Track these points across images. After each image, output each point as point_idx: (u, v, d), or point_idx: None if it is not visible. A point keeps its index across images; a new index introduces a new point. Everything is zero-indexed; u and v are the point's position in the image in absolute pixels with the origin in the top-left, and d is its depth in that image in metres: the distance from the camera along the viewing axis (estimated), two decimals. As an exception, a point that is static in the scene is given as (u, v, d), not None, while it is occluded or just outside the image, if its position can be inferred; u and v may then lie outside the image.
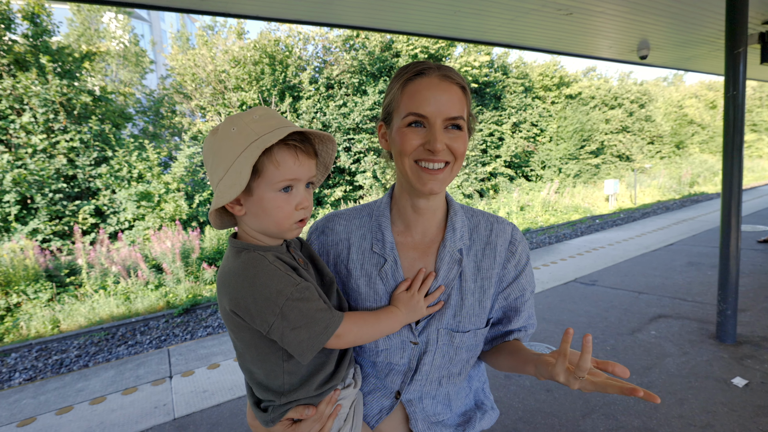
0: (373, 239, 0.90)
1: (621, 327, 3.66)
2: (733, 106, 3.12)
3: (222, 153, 0.72)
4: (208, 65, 12.35)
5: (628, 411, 2.48)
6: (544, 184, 15.81)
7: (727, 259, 3.20)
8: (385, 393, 0.91)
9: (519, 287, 0.92)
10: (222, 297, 0.74)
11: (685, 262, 5.60)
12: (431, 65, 0.82)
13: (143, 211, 8.52)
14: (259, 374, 0.78)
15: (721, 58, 7.16)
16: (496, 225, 0.94)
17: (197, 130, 12.17)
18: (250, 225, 0.77)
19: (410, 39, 14.28)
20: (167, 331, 5.29)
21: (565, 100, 19.01)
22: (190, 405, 2.88)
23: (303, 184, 0.76)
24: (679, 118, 23.84)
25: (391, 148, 0.86)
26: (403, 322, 0.83)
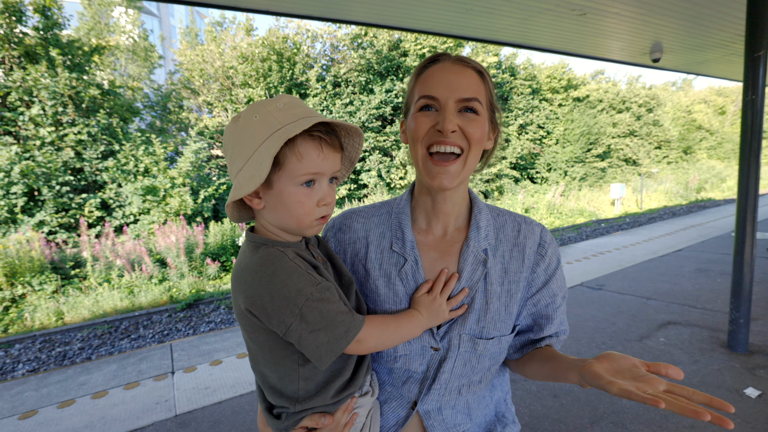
0: (392, 237, 0.85)
1: (629, 333, 3.60)
2: (751, 111, 3.05)
3: (242, 142, 0.68)
4: (216, 61, 12.36)
5: (638, 419, 2.43)
6: (549, 186, 15.71)
7: (741, 266, 3.14)
8: (401, 402, 0.85)
9: (549, 293, 0.86)
10: (237, 294, 0.70)
11: (694, 268, 5.52)
12: (447, 54, 0.79)
13: (148, 205, 8.52)
14: (272, 378, 0.73)
15: (735, 62, 7.06)
16: (524, 225, 0.88)
17: (204, 125, 12.18)
18: (269, 219, 0.73)
19: (418, 39, 14.23)
20: (170, 326, 5.27)
21: (572, 102, 18.89)
22: (191, 401, 2.85)
23: (326, 179, 0.72)
24: (687, 124, 23.63)
25: (408, 142, 0.82)
26: (425, 327, 0.78)
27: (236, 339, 3.99)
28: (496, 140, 0.85)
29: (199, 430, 2.53)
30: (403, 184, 13.26)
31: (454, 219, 0.86)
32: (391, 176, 13.20)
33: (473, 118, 0.76)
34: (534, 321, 0.88)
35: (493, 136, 0.84)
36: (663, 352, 3.23)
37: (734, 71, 7.73)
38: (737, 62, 6.90)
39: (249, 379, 3.11)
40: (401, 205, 0.88)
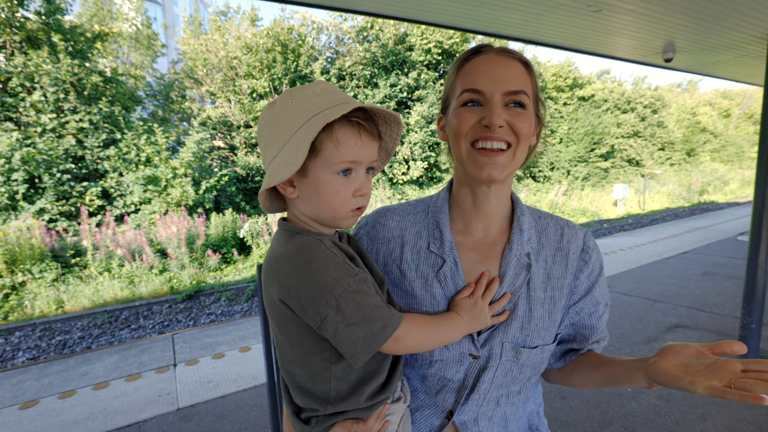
0: (429, 237, 0.80)
1: (636, 335, 3.56)
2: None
3: (278, 128, 0.65)
4: (220, 51, 12.24)
5: (649, 424, 2.39)
6: (552, 185, 15.65)
7: (755, 270, 3.08)
8: (435, 411, 0.81)
9: (593, 300, 0.81)
10: (269, 284, 0.66)
11: (701, 271, 5.48)
12: (489, 45, 0.74)
13: (150, 195, 8.45)
14: (302, 377, 0.68)
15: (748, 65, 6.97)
16: (567, 229, 0.83)
17: (206, 116, 12.08)
18: (302, 210, 0.69)
19: (424, 33, 14.11)
20: (170, 317, 5.24)
21: (577, 101, 18.79)
22: (194, 395, 2.81)
23: (363, 169, 0.68)
24: (691, 126, 23.54)
25: (448, 136, 0.77)
26: (465, 332, 0.73)
27: (239, 332, 3.95)
28: (538, 136, 0.80)
29: (203, 424, 2.49)
30: (406, 179, 13.20)
31: (497, 220, 0.81)
32: (394, 171, 13.13)
33: (521, 113, 0.71)
34: (576, 330, 0.83)
35: (536, 131, 0.78)
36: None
37: (746, 73, 7.64)
38: (750, 64, 6.81)
39: (252, 374, 3.07)
40: (438, 203, 0.83)
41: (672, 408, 2.54)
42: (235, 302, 5.68)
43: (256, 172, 11.16)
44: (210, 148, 11.44)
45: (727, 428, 2.35)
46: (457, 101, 0.73)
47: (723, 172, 20.53)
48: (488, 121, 0.68)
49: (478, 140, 0.70)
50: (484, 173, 0.70)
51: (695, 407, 2.54)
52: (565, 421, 2.44)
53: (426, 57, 14.23)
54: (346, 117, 0.63)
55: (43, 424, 2.55)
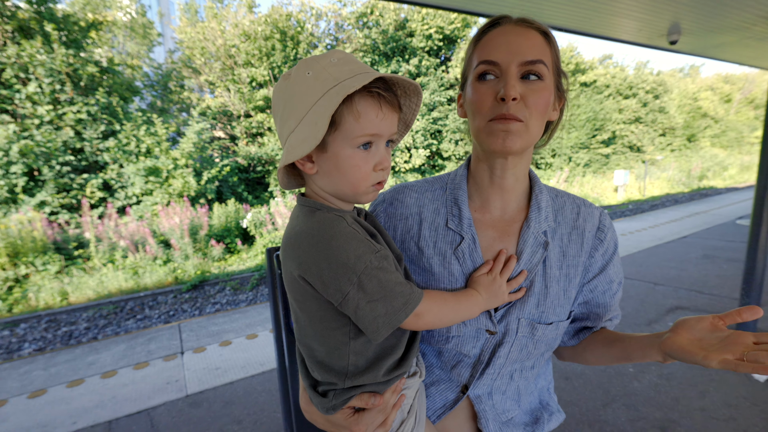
0: (448, 214, 0.80)
1: (638, 318, 3.61)
2: (773, 94, 2.97)
3: (295, 101, 0.62)
4: (218, 39, 12.10)
5: (650, 402, 2.44)
6: (553, 172, 15.63)
7: (755, 252, 3.11)
8: (450, 386, 0.83)
9: (606, 279, 0.82)
10: (289, 260, 0.65)
11: (701, 254, 5.52)
12: (507, 16, 0.72)
13: (151, 186, 8.45)
14: (320, 352, 0.69)
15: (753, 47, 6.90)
16: (584, 208, 0.83)
17: (206, 105, 12.00)
18: (321, 186, 0.68)
19: (425, 18, 13.93)
20: (176, 307, 5.29)
21: (579, 87, 18.63)
22: (202, 382, 2.86)
23: (383, 142, 0.66)
24: (692, 111, 23.39)
25: (467, 113, 0.76)
26: (483, 308, 0.74)
27: (245, 320, 4.00)
28: (562, 110, 0.79)
29: (211, 410, 2.54)
30: (407, 167, 13.17)
31: (515, 197, 0.81)
32: (396, 160, 13.10)
33: (538, 86, 0.69)
34: (590, 308, 0.84)
35: (559, 105, 0.77)
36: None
37: (751, 56, 7.56)
38: (756, 46, 6.73)
39: (260, 360, 3.12)
40: (456, 180, 0.83)
41: (672, 386, 2.59)
42: (240, 291, 5.73)
43: (258, 162, 11.14)
44: (210, 139, 11.40)
45: (725, 404, 2.40)
46: (473, 74, 0.72)
47: (722, 158, 20.48)
48: (503, 93, 0.67)
49: (496, 117, 0.69)
50: (499, 142, 0.69)
51: (694, 385, 2.59)
52: (569, 401, 2.49)
53: (427, 43, 14.08)
54: (366, 88, 0.61)
55: (52, 412, 2.59)
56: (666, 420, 2.29)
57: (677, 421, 2.27)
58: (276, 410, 2.48)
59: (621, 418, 2.31)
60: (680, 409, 2.38)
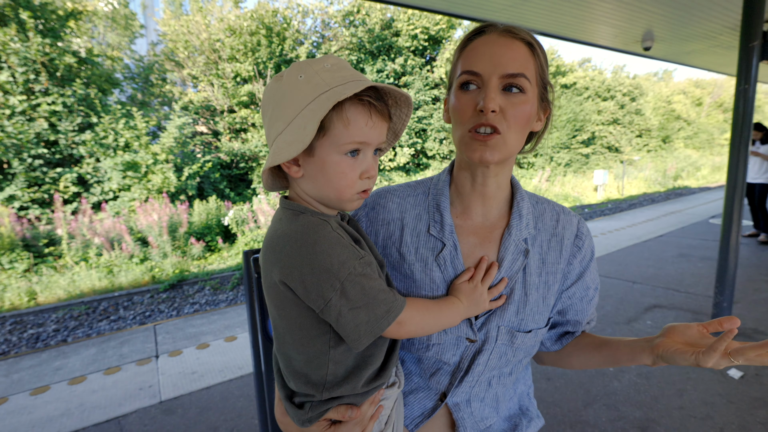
0: (430, 220, 0.79)
1: (617, 316, 3.66)
2: (743, 100, 3.06)
3: (285, 103, 0.61)
4: (202, 33, 11.84)
5: (630, 401, 2.47)
6: (535, 171, 15.85)
7: (727, 251, 3.19)
8: (429, 394, 0.81)
9: (584, 285, 0.83)
10: (270, 265, 0.63)
11: (676, 253, 5.66)
12: (494, 23, 0.71)
13: (129, 181, 8.21)
14: (299, 361, 0.67)
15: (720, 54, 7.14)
16: (563, 215, 0.84)
17: (188, 100, 11.72)
18: (306, 190, 0.67)
19: (411, 19, 13.93)
20: (152, 307, 5.14)
21: (560, 89, 18.94)
22: (177, 387, 2.77)
23: (371, 150, 0.65)
24: (666, 113, 24.09)
25: (451, 120, 0.76)
26: (464, 316, 0.73)
27: (224, 321, 3.91)
28: (547, 120, 0.78)
29: (186, 417, 2.46)
30: (393, 165, 13.16)
31: (497, 204, 0.80)
32: (381, 158, 13.06)
33: (518, 99, 0.68)
34: (568, 314, 0.85)
35: (543, 116, 0.77)
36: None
37: (719, 63, 7.82)
38: (722, 54, 6.97)
39: (238, 363, 3.04)
40: (439, 185, 0.82)
41: (651, 385, 2.63)
42: (220, 291, 5.61)
43: (241, 158, 10.95)
44: (192, 134, 11.13)
45: (702, 402, 2.45)
46: (456, 82, 0.72)
47: (695, 158, 21.14)
48: (482, 105, 0.67)
49: (474, 127, 0.69)
50: (477, 155, 0.69)
51: (672, 383, 2.64)
52: (551, 402, 2.50)
53: (413, 43, 14.08)
54: (357, 96, 0.61)
55: (13, 422, 2.45)
56: (646, 419, 2.32)
57: (657, 421, 2.31)
58: (254, 416, 2.42)
59: (602, 418, 2.34)
60: (659, 408, 2.41)
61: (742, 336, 3.22)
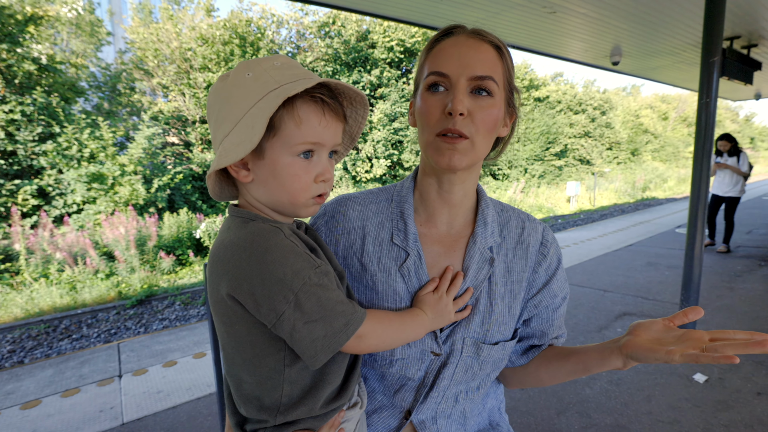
0: (393, 229, 0.76)
1: (589, 324, 3.72)
2: (705, 114, 3.20)
3: (231, 102, 0.58)
4: (173, 41, 11.64)
5: (601, 408, 2.50)
6: (510, 183, 16.18)
7: (692, 260, 3.31)
8: (393, 412, 0.77)
9: (550, 293, 0.81)
10: (217, 277, 0.58)
11: (645, 262, 5.83)
12: (462, 26, 0.70)
13: (94, 193, 7.89)
14: (250, 383, 0.61)
15: (684, 70, 7.51)
16: (528, 223, 0.82)
17: (158, 110, 11.44)
18: (257, 196, 0.62)
19: (386, 31, 14.12)
20: (118, 324, 4.91)
21: (533, 102, 19.52)
22: (141, 408, 2.63)
23: (326, 152, 0.62)
24: (635, 127, 25.14)
25: (417, 123, 0.73)
26: (429, 329, 0.70)
27: (193, 337, 3.76)
28: (513, 126, 0.77)
29: (151, 437, 2.33)
30: (369, 177, 13.17)
31: (462, 212, 0.78)
32: (357, 169, 13.07)
33: (486, 102, 0.67)
34: (535, 324, 0.82)
35: (509, 121, 0.75)
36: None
37: (683, 78, 8.23)
38: (686, 70, 7.35)
39: (207, 381, 2.92)
40: (403, 192, 0.79)
41: (621, 391, 2.67)
42: (191, 306, 5.41)
43: (212, 170, 10.71)
44: (163, 144, 10.86)
45: (669, 407, 2.50)
46: (423, 84, 0.69)
47: (662, 171, 22.06)
48: (451, 107, 0.64)
49: (442, 131, 0.67)
50: (444, 160, 0.67)
51: (641, 389, 2.68)
52: (525, 411, 2.50)
53: (388, 55, 14.25)
54: (309, 93, 0.58)
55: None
56: (616, 425, 2.34)
57: (626, 426, 2.33)
58: (223, 435, 2.31)
59: (574, 426, 2.34)
60: (629, 414, 2.44)
61: (707, 341, 3.32)
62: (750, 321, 3.73)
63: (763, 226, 8.05)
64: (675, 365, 2.96)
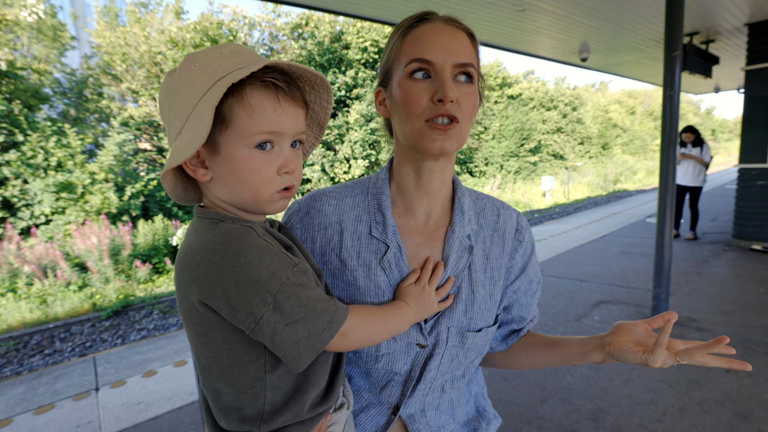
0: (371, 221, 0.75)
1: (568, 314, 3.82)
2: (669, 106, 3.33)
3: (180, 97, 0.54)
4: (142, 45, 11.33)
5: (582, 394, 2.57)
6: (487, 179, 16.43)
7: (662, 247, 3.44)
8: (381, 409, 0.76)
9: (527, 279, 0.83)
10: (186, 285, 0.54)
11: (618, 251, 6.03)
12: (435, 12, 0.69)
13: (63, 203, 7.60)
14: (230, 394, 0.58)
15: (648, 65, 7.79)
16: (503, 210, 0.83)
17: (128, 115, 11.11)
18: (219, 195, 0.59)
19: (360, 32, 14.12)
20: (93, 337, 4.74)
21: (507, 100, 19.87)
22: (120, 420, 2.55)
23: (288, 141, 0.58)
24: (605, 122, 25.91)
25: (392, 112, 0.71)
26: (413, 321, 0.69)
27: (173, 346, 3.67)
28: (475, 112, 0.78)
29: (132, 449, 2.27)
30: (347, 178, 13.13)
31: (440, 201, 0.78)
32: (335, 170, 13.01)
33: (469, 89, 0.67)
34: (514, 310, 0.84)
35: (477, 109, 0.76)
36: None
37: (647, 74, 8.55)
38: (650, 65, 7.64)
39: (189, 389, 2.86)
40: (379, 184, 0.78)
41: (600, 377, 2.75)
42: (170, 314, 5.28)
43: (187, 175, 10.47)
44: (134, 151, 10.55)
45: (646, 389, 2.59)
46: (403, 71, 0.67)
47: (632, 163, 22.83)
48: (442, 94, 0.63)
49: (432, 117, 0.66)
50: (436, 145, 0.66)
51: (619, 374, 2.77)
52: (509, 401, 2.55)
53: (363, 55, 14.25)
54: (260, 79, 0.54)
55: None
56: (597, 410, 2.41)
57: (607, 410, 2.41)
58: (208, 443, 2.27)
59: (557, 413, 2.41)
60: (609, 398, 2.52)
61: (679, 325, 3.46)
62: (717, 303, 3.91)
63: (727, 213, 8.42)
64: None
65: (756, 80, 5.48)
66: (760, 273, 4.74)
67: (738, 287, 4.32)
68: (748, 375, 2.68)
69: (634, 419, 2.32)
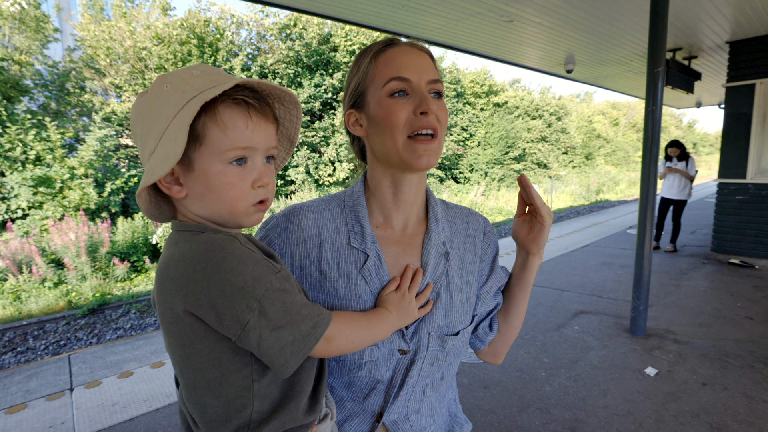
0: (350, 232, 0.77)
1: (548, 323, 3.88)
2: (651, 120, 3.42)
3: (153, 117, 0.56)
4: (127, 40, 11.12)
5: (560, 404, 2.60)
6: (471, 186, 16.58)
7: (642, 259, 3.52)
8: (365, 418, 0.77)
9: (497, 277, 0.89)
10: (170, 296, 0.54)
11: (599, 262, 6.14)
12: (398, 38, 0.76)
13: (41, 198, 7.39)
14: (216, 407, 0.58)
15: (632, 78, 7.97)
16: (471, 217, 0.89)
17: (111, 110, 10.87)
18: (195, 211, 0.60)
19: (348, 35, 14.13)
20: (68, 335, 4.61)
21: (492, 107, 20.13)
22: (95, 422, 2.49)
23: (261, 156, 0.60)
24: (588, 132, 26.46)
25: (370, 131, 0.75)
26: (395, 327, 0.71)
27: (150, 347, 3.59)
28: None
29: (105, 455, 2.21)
30: (332, 180, 13.10)
31: (416, 210, 0.82)
32: (320, 173, 12.96)
33: (441, 103, 0.73)
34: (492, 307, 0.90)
35: None
36: (578, 339, 3.52)
37: (631, 86, 8.76)
38: (634, 78, 7.84)
39: (166, 391, 2.80)
40: (355, 197, 0.80)
41: (579, 387, 2.79)
42: (148, 314, 5.17)
43: (171, 173, 10.29)
44: (116, 146, 10.31)
45: (624, 400, 2.64)
46: (382, 91, 0.71)
47: (614, 174, 23.33)
48: (426, 107, 0.68)
49: (415, 130, 0.70)
50: (422, 161, 0.70)
51: (597, 384, 2.82)
52: (488, 410, 2.56)
53: (350, 58, 14.26)
54: (232, 97, 0.56)
55: None
56: (574, 420, 2.45)
57: (584, 420, 2.45)
58: (184, 449, 2.22)
59: (535, 422, 2.43)
60: (587, 409, 2.56)
61: (657, 337, 3.54)
62: (695, 315, 4.01)
63: (706, 227, 8.67)
64: (629, 361, 3.13)
65: (736, 97, 5.66)
66: (737, 287, 4.87)
67: (716, 300, 4.43)
68: (725, 388, 2.75)
69: (610, 430, 2.36)
